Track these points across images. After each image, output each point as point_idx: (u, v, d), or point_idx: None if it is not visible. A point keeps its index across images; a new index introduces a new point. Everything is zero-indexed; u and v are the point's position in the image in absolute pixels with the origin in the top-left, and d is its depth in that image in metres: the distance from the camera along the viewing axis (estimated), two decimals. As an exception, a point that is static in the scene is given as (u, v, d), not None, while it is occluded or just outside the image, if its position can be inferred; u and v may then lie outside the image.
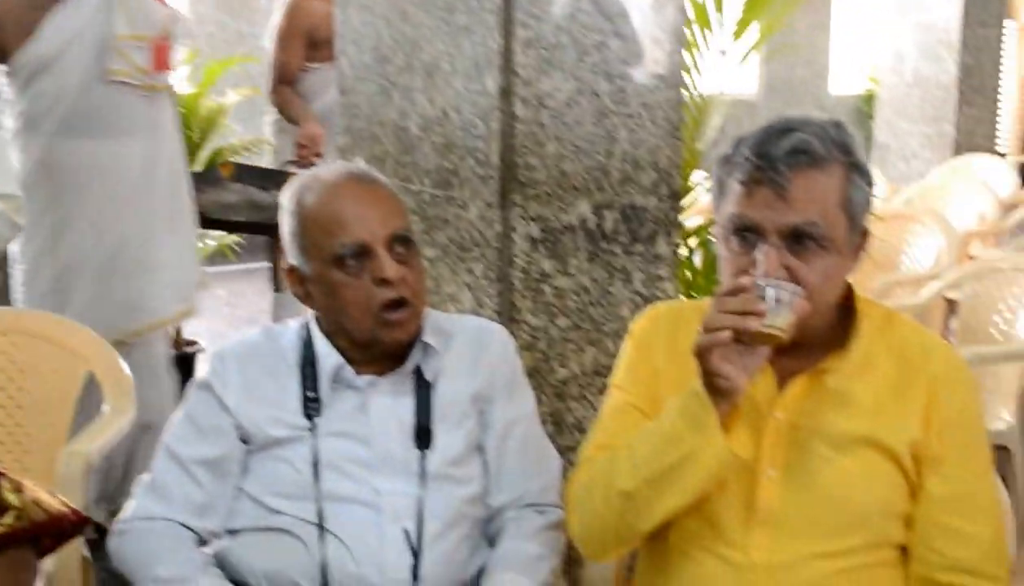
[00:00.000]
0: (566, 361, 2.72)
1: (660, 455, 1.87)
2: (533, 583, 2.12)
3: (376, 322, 2.12)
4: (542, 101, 2.60)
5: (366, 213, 2.12)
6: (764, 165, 1.83)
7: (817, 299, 1.84)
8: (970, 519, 1.92)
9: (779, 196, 1.82)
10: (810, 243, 1.83)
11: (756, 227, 1.84)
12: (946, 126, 8.52)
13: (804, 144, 1.83)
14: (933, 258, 5.24)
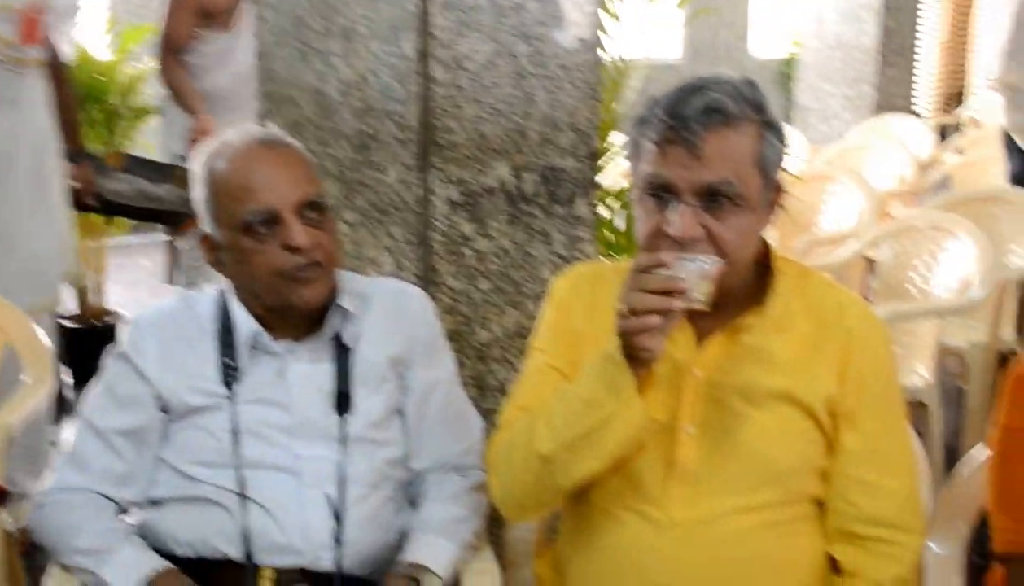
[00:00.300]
0: (487, 324, 2.73)
1: (578, 419, 1.89)
2: (455, 545, 2.15)
3: (286, 286, 2.11)
4: (460, 63, 2.61)
5: (275, 179, 2.11)
6: (677, 124, 1.84)
7: (733, 257, 1.87)
8: (885, 473, 1.96)
9: (693, 155, 1.84)
10: (725, 202, 1.85)
11: (671, 186, 1.86)
12: (866, 88, 8.64)
13: (717, 103, 1.85)
14: (852, 218, 5.31)
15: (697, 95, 1.86)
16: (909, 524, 1.97)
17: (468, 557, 2.19)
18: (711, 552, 1.92)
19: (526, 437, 1.96)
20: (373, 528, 2.17)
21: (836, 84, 8.84)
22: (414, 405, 2.25)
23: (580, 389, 1.90)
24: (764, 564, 1.94)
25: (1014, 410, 2.00)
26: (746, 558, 1.93)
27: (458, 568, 2.16)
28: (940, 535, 2.18)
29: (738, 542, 1.93)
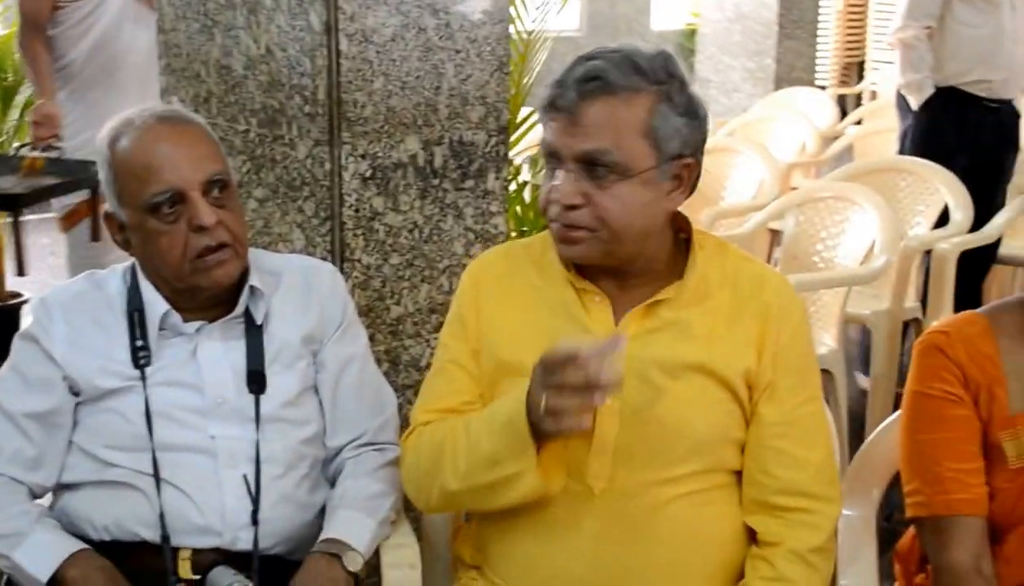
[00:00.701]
0: (400, 299, 2.74)
1: (482, 473, 1.93)
2: (374, 520, 2.15)
3: (194, 268, 2.09)
4: (367, 37, 2.60)
5: (179, 158, 2.08)
6: (559, 92, 1.88)
7: (616, 226, 1.89)
8: (802, 443, 1.99)
9: (572, 122, 1.87)
10: (605, 170, 1.87)
11: (555, 154, 1.90)
12: (767, 60, 8.75)
13: (597, 71, 1.87)
14: (756, 189, 5.38)
15: (582, 64, 1.89)
16: (825, 493, 2.00)
17: (387, 532, 2.20)
18: (632, 524, 1.95)
19: (434, 465, 2.00)
20: (290, 507, 2.17)
21: (737, 57, 8.94)
22: (328, 382, 2.24)
23: (485, 444, 1.93)
24: (684, 535, 1.97)
25: (923, 376, 2.04)
26: (666, 530, 1.95)
27: (378, 543, 2.17)
28: (853, 501, 2.23)
29: (659, 514, 1.95)
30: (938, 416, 2.02)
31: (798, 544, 1.96)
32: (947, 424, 2.01)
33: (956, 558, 1.96)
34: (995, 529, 1.99)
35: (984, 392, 1.99)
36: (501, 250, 2.19)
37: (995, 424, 1.99)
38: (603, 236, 1.90)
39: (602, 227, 1.89)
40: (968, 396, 2.00)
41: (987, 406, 1.99)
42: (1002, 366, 2.00)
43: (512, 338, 2.02)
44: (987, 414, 1.99)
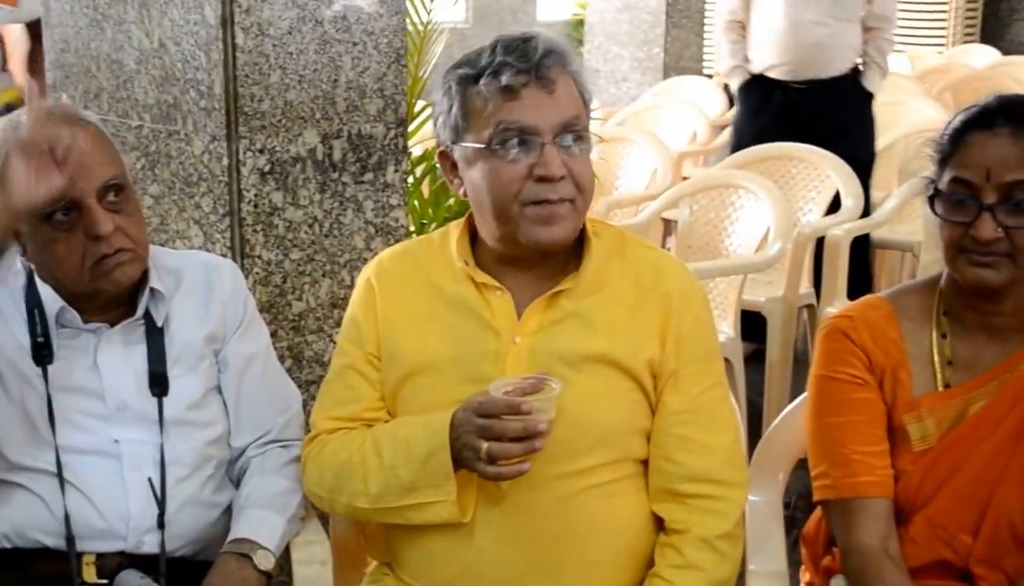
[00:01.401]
0: (302, 294, 2.74)
1: (394, 497, 1.96)
2: (283, 518, 2.15)
3: (93, 275, 2.06)
4: (263, 30, 2.59)
5: (71, 166, 2.00)
6: (529, 66, 1.88)
7: (589, 193, 1.94)
8: (708, 430, 2.02)
9: (549, 93, 1.89)
10: (576, 141, 1.91)
11: (531, 130, 1.89)
12: (655, 49, 8.84)
13: (555, 45, 1.92)
14: (648, 179, 5.44)
15: (533, 41, 1.92)
16: (732, 479, 2.03)
17: (297, 529, 2.19)
18: (540, 518, 1.96)
19: (341, 482, 2.02)
20: (197, 509, 2.16)
21: (625, 46, 9.01)
22: (231, 381, 2.23)
23: (402, 472, 1.95)
24: (593, 527, 1.98)
25: (828, 360, 2.08)
26: (575, 522, 1.97)
27: (288, 540, 2.17)
28: (759, 486, 2.26)
29: (567, 506, 1.96)
30: (844, 399, 2.06)
31: (706, 530, 1.99)
32: (853, 407, 2.05)
33: (863, 540, 2.00)
34: (901, 511, 2.04)
35: (888, 375, 2.04)
36: (397, 250, 2.18)
37: (899, 407, 2.04)
38: (580, 206, 1.93)
39: (579, 195, 1.92)
40: (873, 379, 2.04)
41: (891, 389, 2.04)
42: (905, 350, 2.05)
43: (414, 339, 2.03)
44: (891, 397, 2.04)
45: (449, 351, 2.00)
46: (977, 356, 2.02)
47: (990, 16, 12.24)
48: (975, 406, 2.00)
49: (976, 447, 1.99)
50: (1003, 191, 1.87)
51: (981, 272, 1.91)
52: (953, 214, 1.92)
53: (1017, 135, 1.88)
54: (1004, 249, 1.89)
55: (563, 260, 2.02)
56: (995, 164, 1.88)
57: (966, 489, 1.99)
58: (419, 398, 2.02)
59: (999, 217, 1.88)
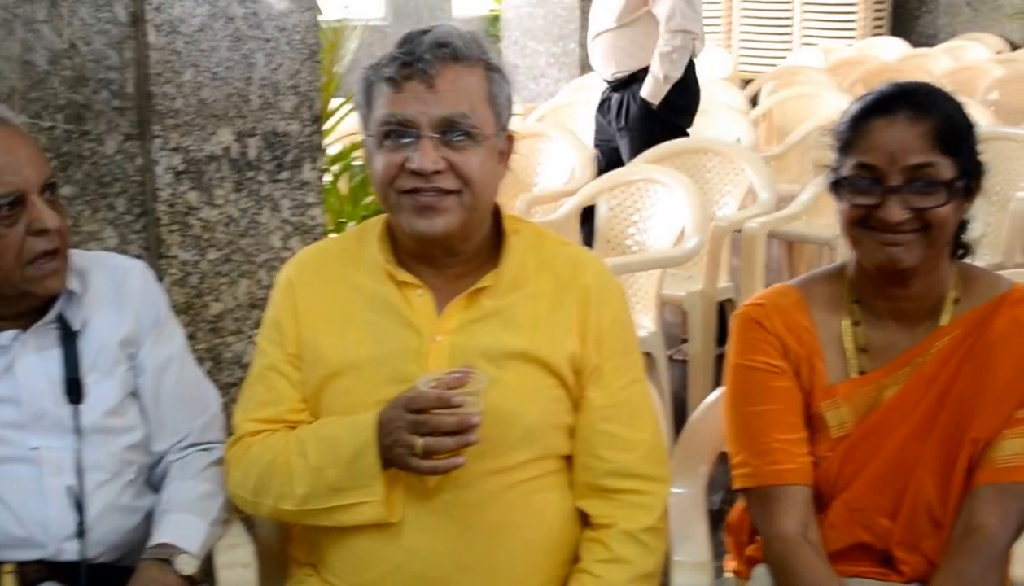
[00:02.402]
0: (219, 295, 2.72)
1: (322, 499, 1.97)
2: (205, 521, 2.14)
3: (25, 275, 2.04)
4: (175, 28, 2.57)
5: (17, 160, 2.02)
6: (411, 60, 1.90)
7: (477, 190, 1.93)
8: (630, 425, 2.05)
9: (429, 88, 1.90)
10: (463, 136, 1.91)
11: (410, 123, 1.91)
12: (571, 45, 8.86)
13: (447, 37, 1.92)
14: (567, 174, 5.46)
15: (428, 33, 1.93)
16: (655, 473, 2.06)
17: (220, 532, 2.18)
18: (467, 516, 1.97)
19: (265, 484, 2.02)
20: (117, 515, 2.13)
21: (542, 41, 9.03)
22: (148, 385, 2.21)
23: (329, 473, 1.95)
24: (519, 523, 2.00)
25: (744, 349, 2.11)
26: (502, 519, 1.99)
27: (211, 544, 2.15)
28: (682, 479, 2.29)
29: (493, 503, 1.98)
30: (762, 388, 2.09)
31: (631, 524, 2.01)
32: (771, 395, 2.08)
33: (784, 527, 2.03)
34: (820, 497, 2.07)
35: (804, 363, 2.07)
36: (314, 249, 2.18)
37: (816, 394, 2.07)
38: (467, 200, 1.93)
39: (466, 188, 1.92)
40: (789, 367, 2.08)
41: (807, 377, 2.07)
42: (818, 337, 2.08)
43: (334, 339, 2.03)
44: (808, 385, 2.08)
45: (371, 351, 2.00)
46: (889, 342, 2.06)
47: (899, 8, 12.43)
48: (889, 391, 2.04)
49: (892, 432, 2.03)
50: (908, 174, 1.93)
51: (894, 251, 1.96)
52: (860, 198, 1.97)
53: (915, 119, 1.94)
54: (913, 227, 1.94)
55: (482, 257, 2.03)
56: (898, 148, 1.93)
57: (883, 473, 2.04)
58: (342, 399, 2.01)
59: (906, 199, 1.93)
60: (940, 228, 1.95)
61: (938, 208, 1.93)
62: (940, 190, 1.93)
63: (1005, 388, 1.99)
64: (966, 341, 2.02)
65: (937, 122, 1.94)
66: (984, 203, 2.08)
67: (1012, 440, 1.98)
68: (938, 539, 2.02)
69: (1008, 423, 1.99)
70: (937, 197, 1.93)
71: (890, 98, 1.98)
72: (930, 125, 1.93)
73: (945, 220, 1.94)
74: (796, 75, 8.23)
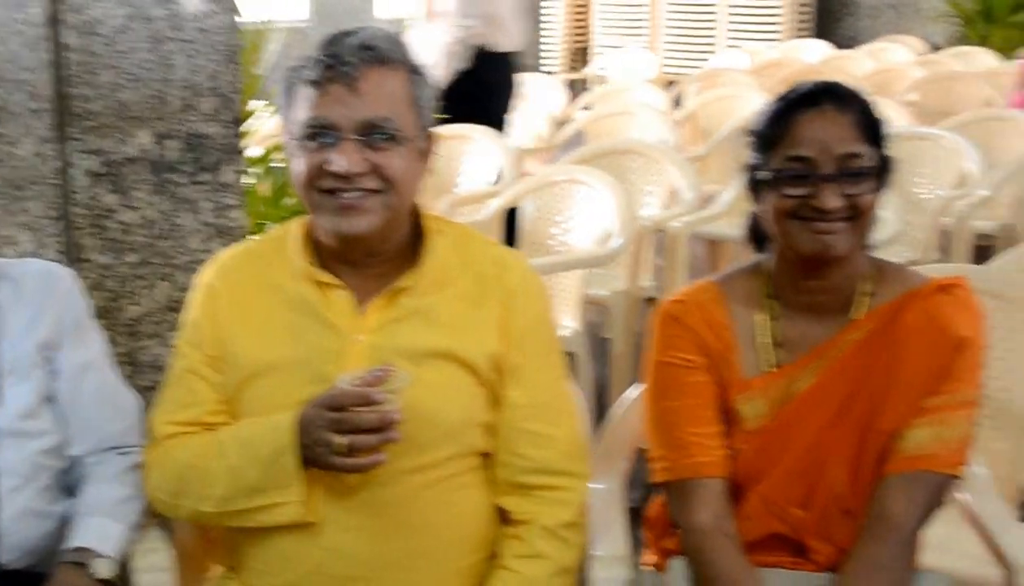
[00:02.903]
0: (138, 298, 2.70)
1: (242, 500, 1.97)
2: (123, 525, 2.12)
3: None
4: (93, 29, 2.56)
5: None
6: (334, 62, 1.91)
7: (401, 191, 1.95)
8: (550, 423, 2.07)
9: (351, 90, 1.91)
10: (386, 139, 1.92)
11: (332, 125, 1.92)
12: (495, 47, 8.85)
13: (371, 40, 1.93)
14: (491, 175, 5.47)
15: (351, 36, 1.94)
16: (574, 470, 2.09)
17: (137, 537, 2.17)
18: (387, 513, 1.98)
19: (184, 486, 2.02)
20: (32, 520, 2.11)
21: (465, 44, 9.02)
22: (66, 390, 2.19)
23: (249, 474, 1.95)
24: (439, 521, 2.01)
25: (662, 345, 2.15)
26: (421, 516, 2.00)
27: (128, 548, 2.14)
28: (601, 474, 2.32)
29: (413, 501, 1.99)
30: (679, 383, 2.13)
31: (550, 520, 2.03)
32: (687, 390, 2.12)
33: (701, 518, 2.07)
34: (736, 489, 2.11)
35: (720, 358, 2.12)
36: (236, 250, 2.18)
37: (732, 388, 2.11)
38: (390, 200, 1.95)
39: (389, 189, 1.94)
40: (705, 362, 2.12)
41: (723, 371, 2.12)
42: (735, 332, 2.13)
43: (254, 341, 2.03)
44: (724, 379, 2.12)
45: (291, 351, 2.01)
46: (803, 336, 2.11)
47: (823, 11, 12.60)
48: (803, 384, 2.09)
49: (805, 424, 2.08)
50: (839, 162, 2.00)
51: (828, 239, 2.01)
52: (793, 189, 2.02)
53: (841, 111, 2.02)
54: (845, 215, 2.00)
55: (403, 257, 2.05)
56: (829, 138, 2.00)
57: (797, 465, 2.08)
58: (262, 400, 2.02)
59: (840, 187, 2.00)
60: (867, 215, 2.03)
61: (867, 195, 2.01)
62: (869, 177, 2.02)
63: (914, 379, 2.04)
64: (878, 334, 2.07)
65: (859, 114, 2.03)
66: (902, 201, 2.14)
67: (919, 430, 2.03)
68: (850, 528, 2.06)
69: (916, 413, 2.03)
70: (867, 184, 2.01)
71: (814, 93, 2.05)
72: (854, 116, 2.02)
73: (871, 207, 2.03)
74: (720, 77, 8.33)
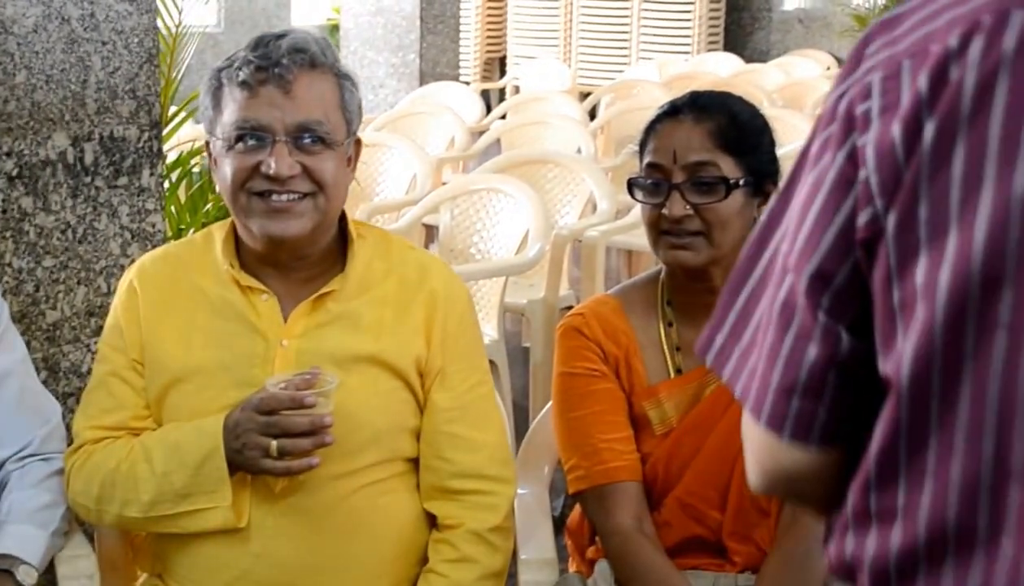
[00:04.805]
0: (56, 303, 2.66)
1: (168, 506, 1.95)
2: (46, 532, 2.09)
3: None
4: (7, 28, 2.51)
5: None
6: (267, 64, 1.90)
7: (331, 194, 1.95)
8: (475, 426, 2.07)
9: (285, 93, 1.90)
10: (317, 142, 1.92)
11: (264, 128, 1.91)
12: (411, 55, 8.89)
13: (304, 44, 1.93)
14: (408, 185, 5.48)
15: (283, 39, 1.93)
16: (501, 474, 2.09)
17: (61, 543, 2.14)
18: (315, 518, 1.98)
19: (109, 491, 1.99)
20: None
21: (381, 51, 9.03)
22: None
23: (175, 479, 1.94)
24: (367, 526, 2.01)
25: (567, 358, 2.18)
26: (349, 522, 2.00)
27: (52, 555, 2.11)
28: (525, 479, 2.33)
29: (341, 506, 1.99)
30: (585, 392, 2.15)
31: (477, 524, 2.04)
32: (594, 398, 2.14)
33: (619, 522, 2.08)
34: (652, 495, 2.13)
35: (623, 365, 2.15)
36: (159, 253, 2.17)
37: (637, 395, 2.14)
38: (320, 204, 1.94)
39: (320, 192, 1.93)
40: (609, 370, 2.15)
41: (627, 378, 2.15)
42: (636, 340, 2.16)
43: (178, 344, 2.02)
44: (629, 386, 2.15)
45: (216, 356, 2.00)
46: None
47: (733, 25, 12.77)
48: (709, 388, 2.11)
49: (714, 426, 2.10)
50: (688, 171, 2.03)
51: (680, 254, 2.06)
52: (649, 197, 2.07)
53: (698, 121, 2.05)
54: (696, 228, 2.04)
55: (328, 262, 2.05)
56: (680, 147, 2.04)
57: (709, 467, 2.10)
58: (187, 404, 2.00)
59: (687, 195, 2.03)
60: (722, 227, 2.04)
61: (715, 204, 2.03)
62: (718, 187, 2.03)
63: None
64: None
65: (721, 123, 2.06)
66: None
67: None
68: (767, 528, 2.10)
69: None
70: (715, 194, 2.03)
71: (680, 104, 2.10)
72: (712, 126, 2.05)
73: (727, 218, 2.04)
74: (633, 88, 8.40)
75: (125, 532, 2.17)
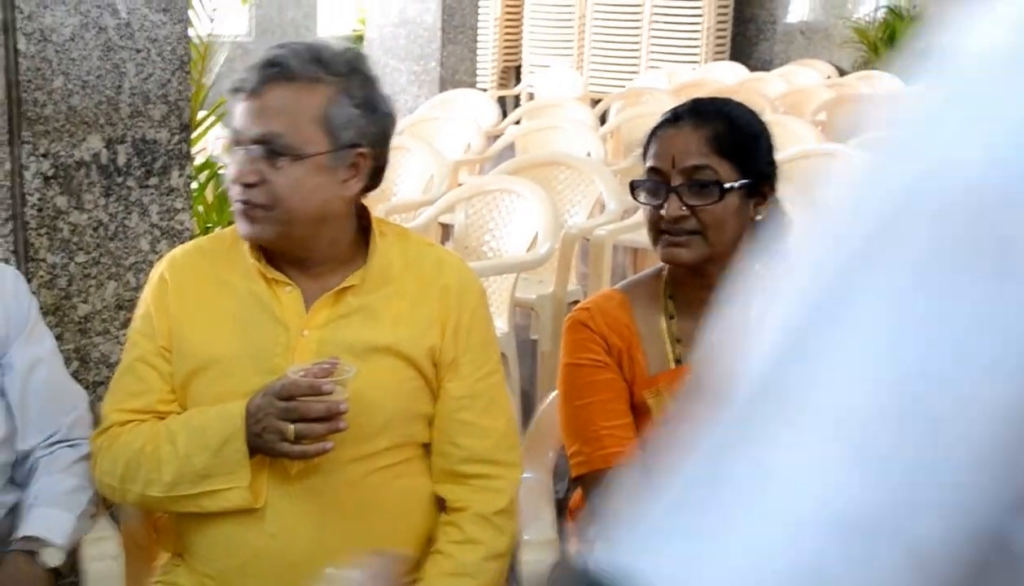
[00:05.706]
0: (87, 297, 2.67)
1: (189, 486, 1.96)
2: (72, 515, 2.10)
3: None
4: (46, 36, 2.53)
5: None
6: (245, 77, 1.93)
7: (289, 205, 1.94)
8: (485, 413, 2.09)
9: (254, 105, 1.93)
10: (275, 152, 1.92)
11: (236, 137, 1.95)
12: (431, 63, 8.88)
13: (278, 59, 1.93)
14: (425, 186, 5.48)
15: (276, 52, 1.96)
16: (507, 459, 2.10)
17: (87, 526, 2.15)
18: (329, 500, 1.99)
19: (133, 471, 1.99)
20: None
21: (402, 60, 9.04)
22: (16, 384, 2.17)
23: (196, 460, 1.94)
24: (379, 508, 2.02)
25: (572, 350, 2.19)
26: (362, 503, 2.01)
27: (79, 537, 2.12)
28: (530, 465, 2.33)
29: (355, 489, 2.00)
30: (588, 382, 2.16)
31: (484, 507, 2.05)
32: (597, 388, 2.15)
33: None
34: None
35: (625, 356, 2.15)
36: (190, 246, 2.18)
37: (638, 384, 2.15)
38: (278, 215, 1.94)
39: (276, 206, 1.94)
40: (612, 361, 2.16)
41: (629, 369, 2.15)
42: (638, 332, 2.17)
43: (204, 333, 2.03)
44: (630, 376, 2.16)
45: (240, 345, 2.01)
46: (701, 331, 2.14)
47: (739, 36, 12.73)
48: None
49: None
50: (686, 175, 2.05)
51: (677, 251, 2.07)
52: (649, 198, 2.09)
53: (697, 127, 2.07)
54: (692, 227, 2.05)
55: (349, 257, 2.06)
56: (678, 152, 2.06)
57: None
58: (211, 390, 2.01)
59: (684, 198, 2.05)
60: (717, 227, 2.05)
61: (711, 206, 2.04)
62: (713, 190, 2.04)
63: None
64: None
65: (718, 129, 2.07)
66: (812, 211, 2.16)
67: None
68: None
69: None
70: (710, 196, 2.04)
71: (681, 111, 2.11)
72: (710, 132, 2.06)
73: (722, 219, 2.05)
74: (642, 95, 8.38)
75: (148, 514, 2.18)
